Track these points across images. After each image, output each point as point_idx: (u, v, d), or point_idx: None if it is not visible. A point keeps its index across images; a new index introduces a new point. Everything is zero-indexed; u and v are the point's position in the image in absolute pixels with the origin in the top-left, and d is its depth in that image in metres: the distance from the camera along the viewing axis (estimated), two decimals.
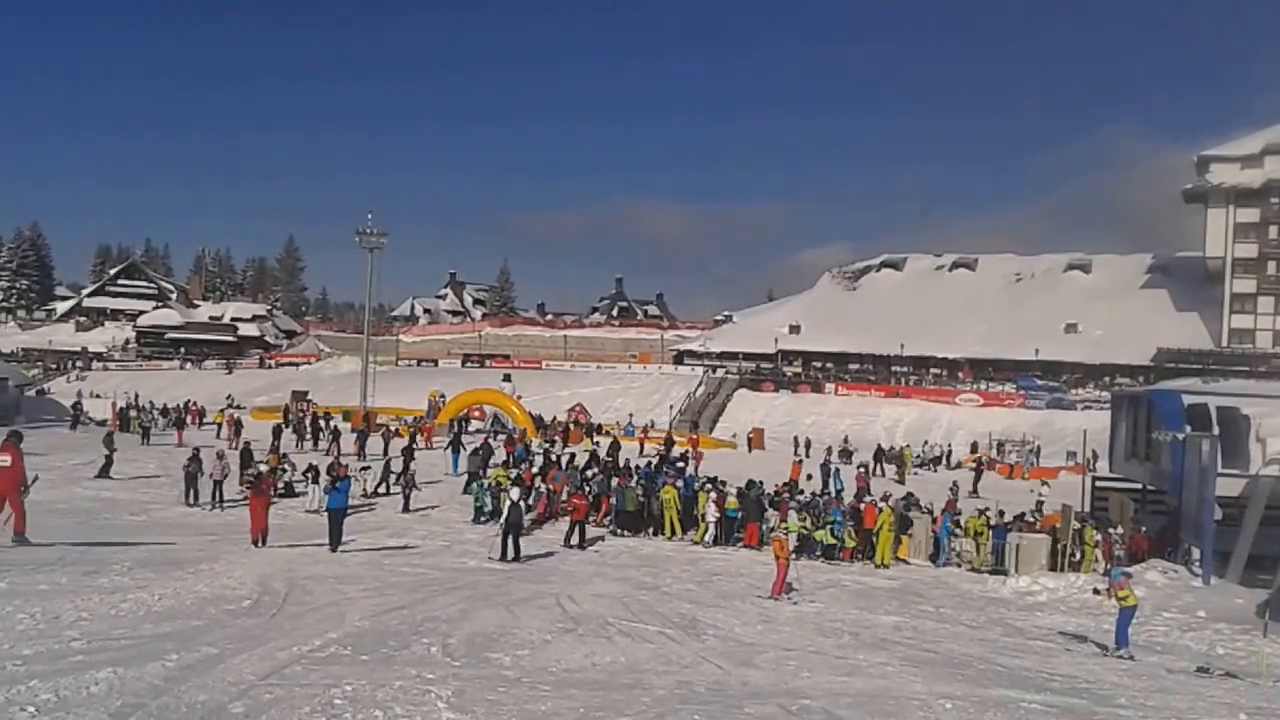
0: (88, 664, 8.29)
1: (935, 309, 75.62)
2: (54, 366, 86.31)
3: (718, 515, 23.21)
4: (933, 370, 73.54)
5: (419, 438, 38.89)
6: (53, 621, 10.08)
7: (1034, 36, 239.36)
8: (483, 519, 23.87)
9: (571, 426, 48.88)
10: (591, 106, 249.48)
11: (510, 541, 18.91)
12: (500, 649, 10.93)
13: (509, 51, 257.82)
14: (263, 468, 24.51)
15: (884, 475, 39.62)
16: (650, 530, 24.07)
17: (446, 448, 35.44)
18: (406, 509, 25.06)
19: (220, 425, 41.43)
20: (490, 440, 36.50)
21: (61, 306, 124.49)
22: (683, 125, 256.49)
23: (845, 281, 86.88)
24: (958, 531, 23.76)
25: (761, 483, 25.48)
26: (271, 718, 7.30)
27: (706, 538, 23.12)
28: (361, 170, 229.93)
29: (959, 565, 22.91)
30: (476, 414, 50.12)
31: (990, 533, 23.01)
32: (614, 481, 25.15)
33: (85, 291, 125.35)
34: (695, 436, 46.61)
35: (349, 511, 23.21)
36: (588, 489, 24.33)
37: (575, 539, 21.60)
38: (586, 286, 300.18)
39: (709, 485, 24.80)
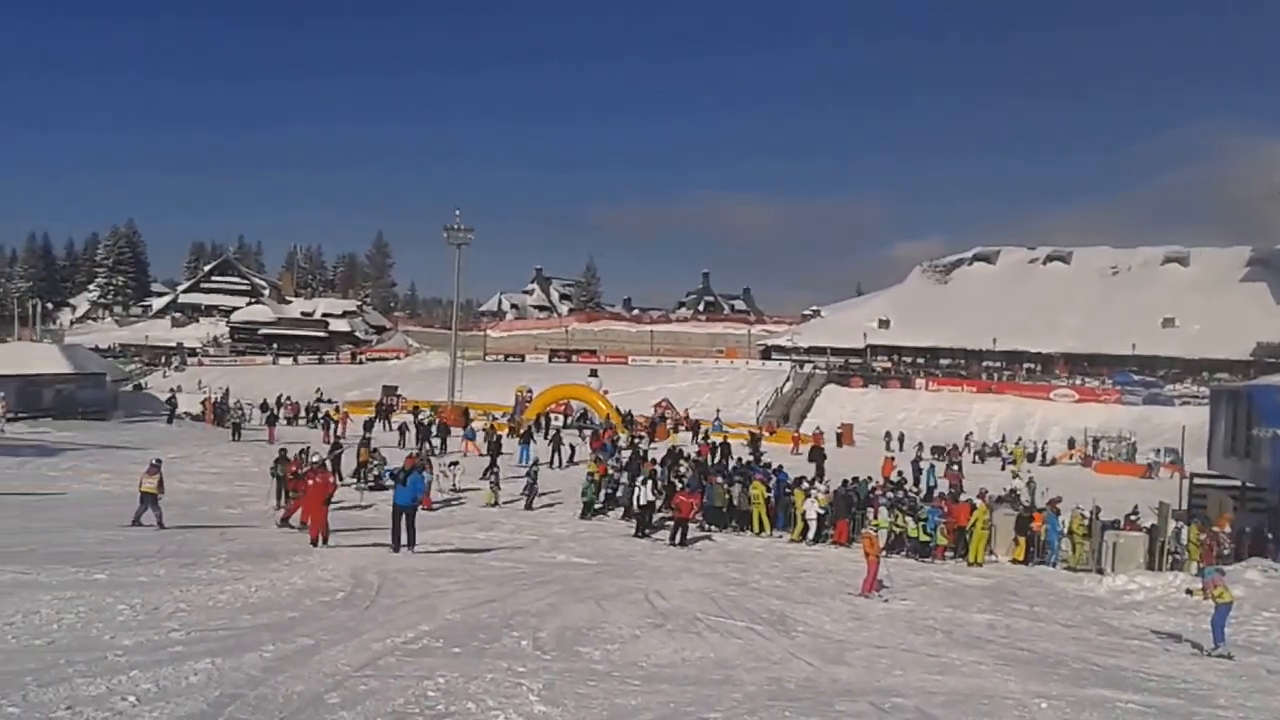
0: (187, 654, 8.43)
1: (1029, 303, 73.85)
2: (150, 362, 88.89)
3: (818, 513, 22.94)
4: (1026, 365, 71.83)
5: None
6: (152, 613, 10.29)
7: (1131, 26, 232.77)
8: (591, 514, 24.19)
9: (658, 422, 48.86)
10: (677, 100, 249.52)
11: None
12: (590, 643, 10.91)
13: (594, 45, 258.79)
14: (315, 459, 24.62)
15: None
16: (738, 526, 23.92)
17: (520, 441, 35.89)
18: (530, 506, 25.21)
19: (337, 423, 41.99)
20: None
21: (157, 303, 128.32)
22: (770, 118, 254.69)
23: (936, 275, 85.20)
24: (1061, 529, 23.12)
25: (858, 479, 25.17)
26: (367, 708, 7.34)
27: (808, 535, 22.87)
28: (449, 166, 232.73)
29: (1054, 564, 22.32)
30: (561, 409, 50.37)
31: (1090, 531, 22.37)
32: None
33: (180, 288, 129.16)
34: (786, 433, 46.32)
35: (434, 506, 23.60)
36: (680, 485, 24.24)
37: (678, 538, 21.37)
38: (672, 281, 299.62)
39: (804, 482, 24.53)
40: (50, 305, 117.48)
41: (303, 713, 7.04)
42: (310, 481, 18.46)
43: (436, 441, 36.52)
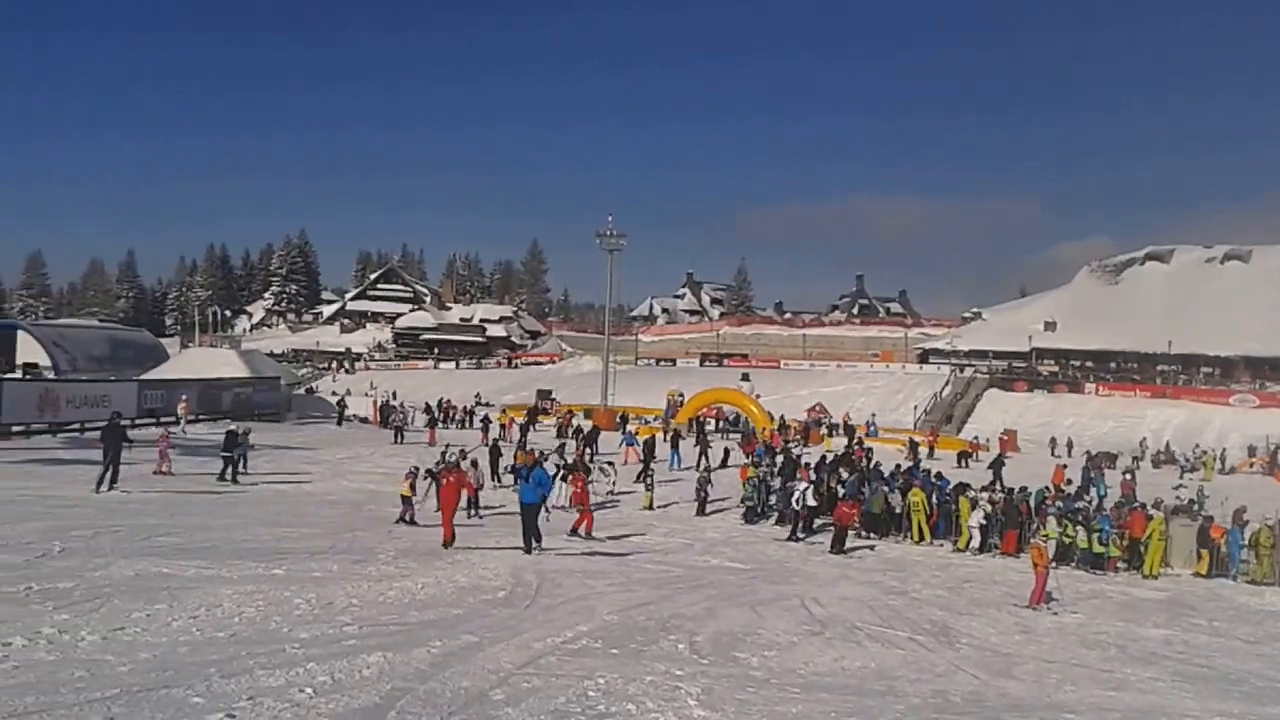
0: (359, 648, 8.71)
1: (1206, 303, 70.06)
2: (320, 366, 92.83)
3: (983, 522, 22.26)
4: (1203, 369, 68.17)
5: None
6: (326, 607, 10.68)
7: None
8: (755, 519, 24.16)
9: (812, 427, 48.33)
10: (829, 102, 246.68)
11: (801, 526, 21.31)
12: (747, 649, 10.82)
13: (747, 46, 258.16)
14: (453, 456, 24.95)
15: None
16: (894, 533, 23.42)
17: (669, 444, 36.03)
18: (702, 511, 25.23)
19: (504, 426, 42.89)
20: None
21: (327, 310, 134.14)
22: (927, 117, 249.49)
23: (1106, 275, 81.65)
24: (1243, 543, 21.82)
25: (1025, 488, 24.33)
26: (530, 706, 7.44)
27: (971, 545, 22.21)
28: (601, 172, 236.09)
29: (1235, 577, 21.06)
30: (713, 413, 50.31)
31: (1277, 543, 21.02)
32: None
33: (348, 295, 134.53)
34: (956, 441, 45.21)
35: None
36: (841, 492, 23.90)
37: (837, 546, 20.97)
38: (826, 284, 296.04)
39: (968, 490, 23.84)
40: (228, 313, 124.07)
41: (469, 708, 7.18)
42: (444, 481, 18.25)
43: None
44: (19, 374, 58.24)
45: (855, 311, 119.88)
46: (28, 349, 68.73)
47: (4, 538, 13.56)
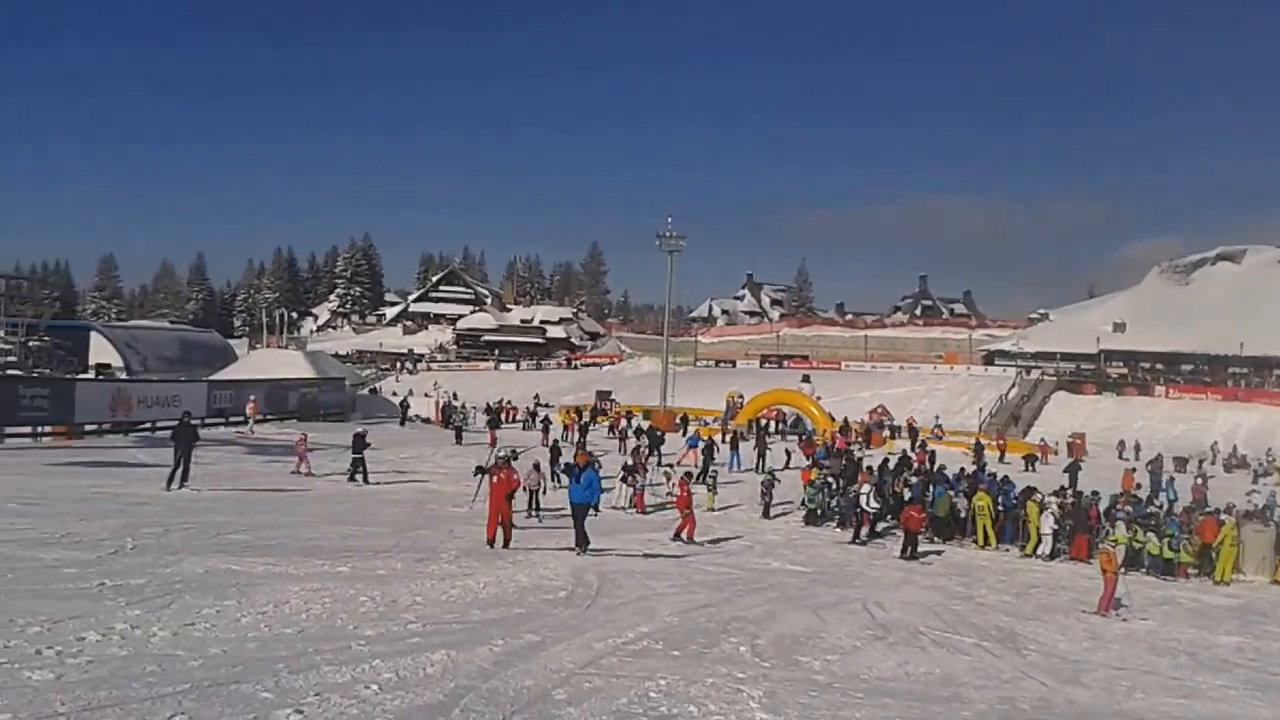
0: (423, 646, 8.79)
1: (1277, 304, 68.08)
2: (383, 367, 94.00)
3: (1054, 527, 21.87)
4: (1275, 371, 66.31)
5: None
6: (391, 605, 10.79)
7: None
8: (816, 521, 24.05)
9: (874, 429, 47.91)
10: (894, 102, 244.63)
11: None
12: (809, 653, 10.73)
13: (805, 47, 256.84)
14: (503, 454, 24.93)
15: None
16: (959, 538, 23.10)
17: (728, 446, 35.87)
18: (767, 514, 25.18)
19: (566, 427, 43.07)
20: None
21: (390, 312, 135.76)
22: (993, 118, 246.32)
23: (1176, 276, 79.80)
24: None
25: (1097, 493, 23.90)
26: (592, 706, 7.45)
27: (1041, 550, 21.84)
28: (662, 174, 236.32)
29: None
30: (773, 415, 50.08)
31: None
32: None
33: (411, 297, 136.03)
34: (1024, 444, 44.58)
35: (649, 510, 23.82)
36: (908, 494, 23.64)
37: (908, 551, 20.63)
38: (888, 285, 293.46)
39: (1035, 494, 23.44)
40: (295, 315, 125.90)
41: (531, 707, 7.21)
42: (494, 479, 17.83)
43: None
44: (92, 374, 59.77)
45: (918, 312, 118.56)
46: (100, 350, 70.61)
47: (78, 535, 13.89)
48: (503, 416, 50.48)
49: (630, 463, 27.30)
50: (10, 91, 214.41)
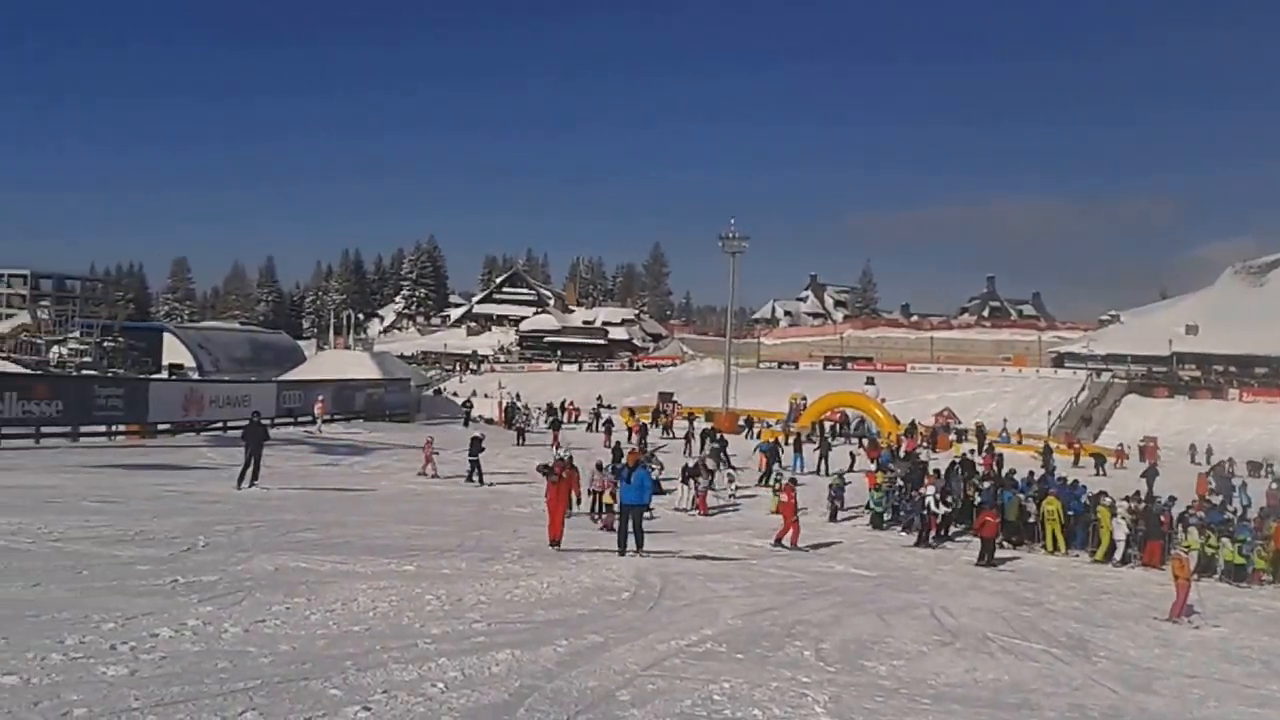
0: (489, 645, 8.84)
1: None
2: (447, 368, 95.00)
3: (1127, 532, 21.44)
4: None
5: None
6: (456, 604, 10.86)
7: None
8: (882, 525, 23.89)
9: (940, 432, 47.33)
10: (961, 102, 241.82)
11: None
12: (874, 657, 10.61)
13: (874, 48, 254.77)
14: (564, 454, 24.90)
15: None
16: (1029, 542, 22.73)
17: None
18: (834, 518, 25.06)
19: (631, 430, 43.24)
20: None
21: (454, 313, 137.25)
22: (1058, 117, 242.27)
23: (1250, 277, 77.75)
24: None
25: (1174, 498, 23.39)
26: (656, 707, 7.43)
27: (1114, 556, 21.42)
28: (724, 175, 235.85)
29: None
30: (836, 417, 49.72)
31: None
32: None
33: (474, 299, 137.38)
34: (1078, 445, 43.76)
35: (711, 512, 23.72)
36: (977, 499, 23.31)
37: (985, 558, 20.16)
38: (954, 286, 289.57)
39: (1106, 498, 22.99)
40: (361, 316, 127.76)
41: (596, 708, 7.21)
42: (558, 477, 17.91)
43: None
44: (165, 374, 61.13)
45: (986, 314, 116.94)
46: (174, 350, 72.23)
47: (152, 532, 14.19)
48: (565, 417, 50.77)
49: (691, 464, 27.29)
50: (87, 95, 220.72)
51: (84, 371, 45.31)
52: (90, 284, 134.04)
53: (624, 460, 21.91)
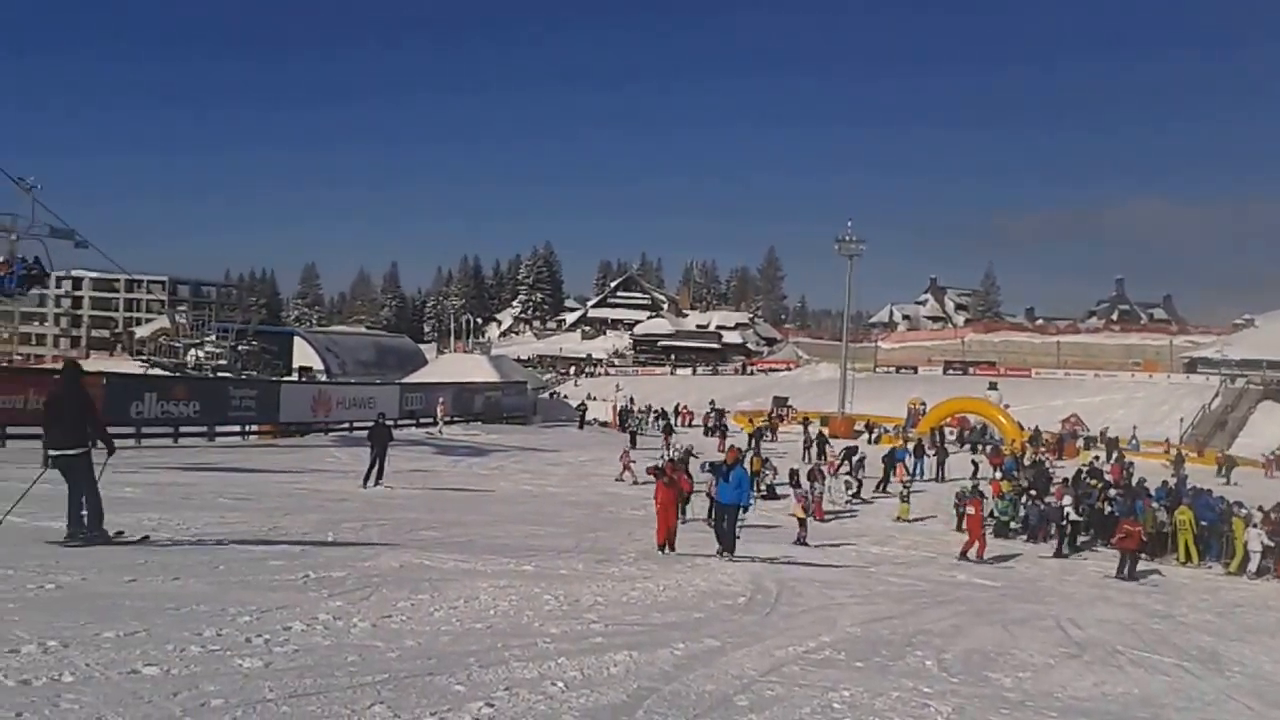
0: (606, 646, 8.89)
1: None
2: (562, 371, 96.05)
3: (1263, 544, 20.53)
4: None
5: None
6: (574, 604, 10.96)
7: None
8: (1006, 534, 23.44)
9: (1067, 439, 45.96)
10: (1088, 103, 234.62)
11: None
12: (999, 669, 10.35)
13: (999, 51, 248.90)
14: (672, 455, 24.78)
15: None
16: (1161, 553, 21.93)
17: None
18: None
19: (751, 436, 43.12)
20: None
21: (569, 317, 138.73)
22: (1188, 116, 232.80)
23: None
24: None
25: None
26: (774, 714, 7.38)
27: (1249, 568, 20.52)
28: (841, 177, 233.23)
29: None
30: (956, 423, 48.70)
31: None
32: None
33: (589, 303, 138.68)
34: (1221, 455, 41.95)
35: (827, 518, 23.43)
36: (1107, 509, 22.60)
37: (1125, 571, 19.48)
38: (1081, 289, 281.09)
39: (1241, 509, 22.05)
40: (480, 320, 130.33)
41: (714, 712, 7.19)
42: (668, 477, 17.66)
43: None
44: (295, 377, 63.25)
45: (1115, 318, 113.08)
46: (303, 354, 74.59)
47: (284, 528, 14.69)
48: (678, 421, 50.85)
49: (806, 468, 27.10)
50: (220, 105, 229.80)
51: (219, 374, 47.15)
52: (225, 290, 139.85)
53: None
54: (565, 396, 66.48)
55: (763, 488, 27.48)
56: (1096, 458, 39.05)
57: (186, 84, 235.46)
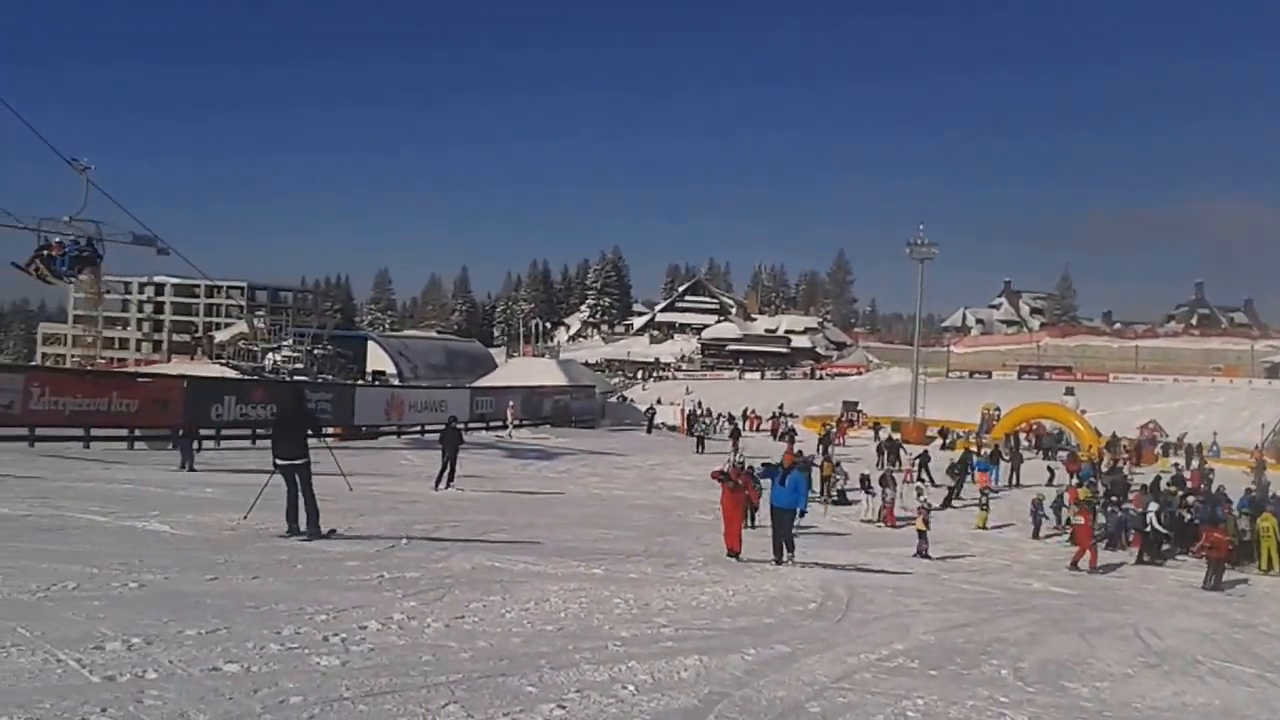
0: (676, 650, 8.89)
1: None
2: (630, 375, 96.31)
3: None
4: None
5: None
6: (644, 608, 10.98)
7: None
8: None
9: (1145, 445, 44.92)
10: (1159, 103, 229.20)
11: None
12: (1076, 679, 10.15)
13: (1079, 52, 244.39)
14: (740, 460, 24.58)
15: None
16: (1244, 562, 21.33)
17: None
18: (1037, 534, 24.33)
19: (830, 434, 42.85)
20: None
21: (637, 321, 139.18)
22: (1269, 116, 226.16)
23: None
24: None
25: None
26: None
27: None
28: (912, 180, 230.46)
29: None
30: (1031, 429, 47.83)
31: None
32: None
33: (657, 308, 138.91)
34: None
35: (899, 524, 23.15)
36: (1187, 516, 22.07)
37: (1213, 581, 18.88)
38: (1160, 293, 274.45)
39: None
40: (549, 325, 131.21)
41: (785, 718, 7.16)
42: (734, 483, 17.69)
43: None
44: (369, 380, 64.28)
45: (1194, 322, 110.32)
46: (376, 358, 75.79)
47: (359, 530, 14.93)
48: (746, 426, 50.66)
49: (878, 474, 26.87)
50: (298, 112, 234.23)
51: (296, 377, 48.12)
52: (301, 295, 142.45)
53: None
54: (633, 401, 66.59)
55: (833, 493, 27.33)
56: (1177, 464, 38.11)
57: (267, 90, 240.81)
